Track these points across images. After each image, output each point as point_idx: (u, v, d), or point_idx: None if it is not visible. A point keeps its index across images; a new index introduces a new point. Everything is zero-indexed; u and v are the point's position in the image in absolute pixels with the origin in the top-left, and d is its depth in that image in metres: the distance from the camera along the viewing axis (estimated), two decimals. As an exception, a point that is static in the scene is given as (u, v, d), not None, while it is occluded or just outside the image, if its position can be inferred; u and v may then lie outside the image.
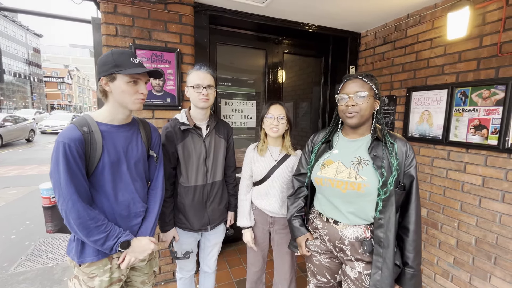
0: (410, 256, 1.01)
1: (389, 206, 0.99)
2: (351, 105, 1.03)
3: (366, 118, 1.06)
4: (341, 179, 1.06)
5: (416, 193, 1.02)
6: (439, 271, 1.99)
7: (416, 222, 1.01)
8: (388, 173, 0.99)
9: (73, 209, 0.89)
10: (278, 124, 1.41)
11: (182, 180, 1.39)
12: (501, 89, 1.58)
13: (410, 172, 1.02)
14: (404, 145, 1.03)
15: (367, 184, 1.01)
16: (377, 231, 1.01)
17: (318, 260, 1.21)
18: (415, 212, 1.01)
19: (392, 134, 1.07)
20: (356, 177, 1.03)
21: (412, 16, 2.09)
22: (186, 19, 1.91)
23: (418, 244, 1.01)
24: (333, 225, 1.11)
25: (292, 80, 3.03)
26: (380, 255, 1.00)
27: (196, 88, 1.30)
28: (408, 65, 2.15)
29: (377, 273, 1.00)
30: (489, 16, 1.63)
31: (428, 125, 2.01)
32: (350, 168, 1.06)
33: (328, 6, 2.02)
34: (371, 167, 1.02)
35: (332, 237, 1.12)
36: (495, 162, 1.63)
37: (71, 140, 0.90)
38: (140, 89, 1.02)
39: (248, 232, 1.52)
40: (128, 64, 0.97)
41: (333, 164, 1.11)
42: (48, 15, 2.40)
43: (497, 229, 1.64)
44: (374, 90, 1.04)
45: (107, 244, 0.95)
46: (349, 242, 1.07)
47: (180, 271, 1.56)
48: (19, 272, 2.33)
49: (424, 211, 2.07)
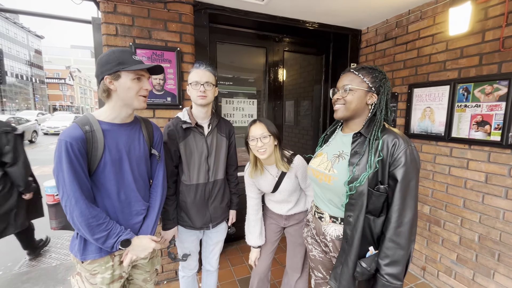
0: (381, 263, 0.92)
1: (359, 204, 0.94)
2: (336, 99, 1.04)
3: (353, 111, 1.02)
4: (319, 170, 1.09)
5: (401, 197, 0.90)
6: (442, 268, 1.98)
7: (395, 230, 0.90)
8: (361, 170, 0.94)
9: (76, 207, 0.90)
10: (263, 145, 1.29)
11: (184, 178, 1.39)
12: (504, 85, 1.56)
13: (394, 173, 0.91)
14: (393, 141, 0.92)
15: (335, 177, 1.01)
16: (345, 227, 0.99)
17: (314, 255, 1.23)
18: (395, 219, 0.90)
19: (385, 128, 0.98)
20: (330, 170, 1.04)
21: (413, 12, 2.07)
22: (186, 18, 1.91)
23: (394, 254, 0.90)
24: (319, 220, 1.14)
25: (293, 78, 3.02)
26: (344, 251, 0.99)
27: (194, 85, 1.30)
28: (409, 61, 2.14)
29: (339, 267, 1.00)
30: (491, 11, 1.62)
31: (430, 121, 2.00)
32: (329, 161, 1.07)
33: (328, 3, 2.01)
34: (346, 162, 1.00)
35: (318, 231, 1.15)
36: (498, 158, 1.62)
37: (72, 138, 0.90)
38: (144, 86, 1.03)
39: (255, 252, 1.52)
40: (131, 61, 0.98)
41: (321, 156, 1.14)
42: (49, 15, 2.41)
43: (500, 225, 1.63)
44: (367, 83, 0.99)
45: (108, 242, 0.96)
46: (330, 239, 1.08)
47: (183, 270, 1.57)
48: (23, 272, 2.35)
49: (427, 208, 2.06)
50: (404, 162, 0.90)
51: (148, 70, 1.04)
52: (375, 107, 1.01)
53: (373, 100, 1.01)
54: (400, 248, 0.90)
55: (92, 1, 1.85)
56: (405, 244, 0.90)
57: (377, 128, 0.97)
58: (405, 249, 0.91)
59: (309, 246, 1.26)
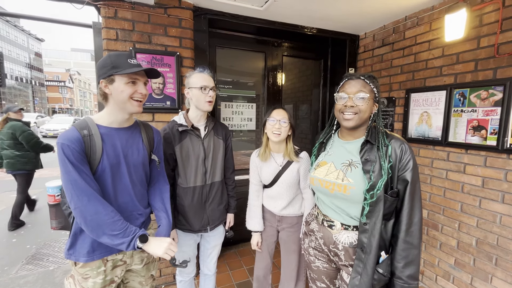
0: (398, 266, 0.95)
1: (376, 211, 0.95)
2: (349, 106, 1.00)
3: (364, 120, 1.03)
4: (329, 180, 1.06)
5: (410, 199, 0.94)
6: (440, 272, 1.98)
7: (406, 231, 0.94)
8: (377, 176, 0.95)
9: (89, 204, 0.90)
10: (280, 128, 1.39)
11: (180, 181, 1.39)
12: (499, 90, 1.58)
13: (404, 176, 0.95)
14: (400, 146, 0.96)
15: (352, 187, 0.99)
16: (361, 236, 0.99)
17: (316, 266, 1.21)
18: (406, 220, 0.94)
19: (389, 135, 1.02)
20: (343, 179, 1.02)
21: (410, 18, 2.10)
22: (186, 23, 1.93)
23: (409, 254, 0.94)
24: (328, 229, 1.10)
25: (291, 83, 3.04)
26: (362, 260, 0.97)
27: (203, 90, 1.32)
28: (406, 66, 2.16)
29: (356, 277, 0.98)
30: (486, 18, 1.65)
31: (427, 126, 2.01)
32: (340, 170, 1.05)
33: (327, 9, 2.04)
34: (360, 170, 1.00)
35: (327, 241, 1.11)
36: (495, 163, 1.63)
37: (70, 141, 0.91)
38: (139, 89, 1.02)
39: (256, 236, 1.55)
40: (125, 65, 0.98)
41: (326, 165, 1.12)
42: (50, 20, 2.43)
43: (497, 230, 1.63)
44: (375, 92, 1.01)
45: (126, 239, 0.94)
46: (342, 247, 1.05)
47: (180, 274, 1.56)
48: (20, 276, 2.33)
49: (425, 212, 2.07)
50: (412, 166, 0.95)
51: (145, 73, 1.05)
52: (375, 115, 1.04)
53: (375, 108, 1.04)
54: (414, 248, 0.94)
55: (93, 6, 1.87)
56: (417, 244, 0.94)
57: (381, 135, 1.00)
58: (417, 248, 0.95)
59: (311, 257, 1.22)
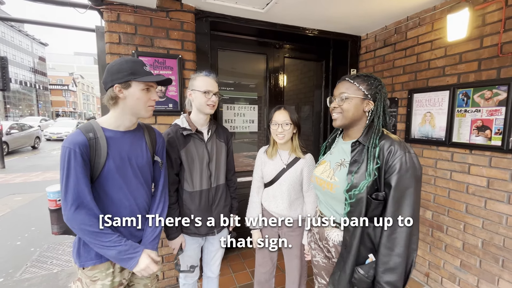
0: (378, 270, 0.92)
1: (357, 212, 0.95)
2: (333, 107, 1.07)
3: (351, 119, 1.04)
4: (322, 178, 1.11)
5: (394, 205, 0.89)
6: (446, 274, 1.96)
7: (388, 237, 0.90)
8: (360, 178, 0.95)
9: (81, 210, 0.92)
10: (283, 131, 1.40)
11: (186, 185, 1.39)
12: (503, 90, 1.57)
13: (389, 179, 0.91)
14: (389, 148, 0.92)
15: (337, 185, 1.03)
16: (344, 234, 1.01)
17: (317, 261, 1.23)
18: (388, 226, 0.91)
19: (384, 135, 0.98)
20: (331, 178, 1.06)
21: (412, 18, 2.09)
22: (188, 26, 1.95)
23: (389, 261, 0.89)
24: (322, 226, 1.14)
25: (293, 84, 3.04)
26: (343, 257, 1.00)
27: (206, 94, 1.32)
28: (409, 67, 2.15)
29: (336, 273, 1.01)
30: (489, 17, 1.64)
31: (430, 126, 2.00)
32: (332, 169, 1.09)
33: (328, 10, 2.04)
34: (346, 170, 1.02)
35: (321, 236, 1.15)
36: (500, 163, 1.61)
37: (75, 145, 0.92)
38: (152, 96, 1.06)
39: (256, 233, 1.54)
40: (143, 72, 1.01)
41: (324, 164, 1.15)
42: (53, 24, 2.46)
43: (503, 231, 1.61)
44: (363, 90, 1.01)
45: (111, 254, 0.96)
46: (333, 244, 1.08)
47: (184, 277, 1.56)
48: (24, 279, 2.34)
49: (429, 213, 2.05)
50: (398, 169, 0.89)
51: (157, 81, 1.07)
52: (372, 114, 1.03)
53: (370, 107, 1.03)
54: (396, 255, 0.89)
55: (96, 10, 1.89)
56: (401, 252, 0.89)
57: (375, 135, 0.98)
58: (402, 256, 0.89)
59: (312, 251, 1.26)
